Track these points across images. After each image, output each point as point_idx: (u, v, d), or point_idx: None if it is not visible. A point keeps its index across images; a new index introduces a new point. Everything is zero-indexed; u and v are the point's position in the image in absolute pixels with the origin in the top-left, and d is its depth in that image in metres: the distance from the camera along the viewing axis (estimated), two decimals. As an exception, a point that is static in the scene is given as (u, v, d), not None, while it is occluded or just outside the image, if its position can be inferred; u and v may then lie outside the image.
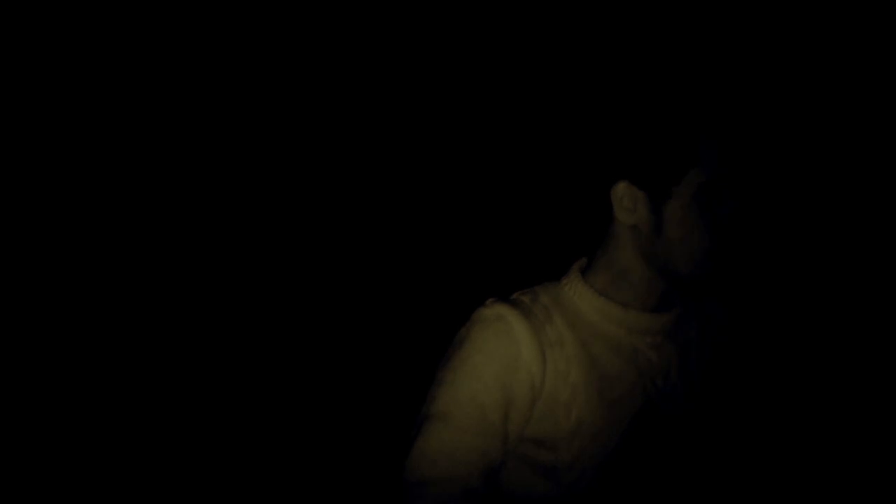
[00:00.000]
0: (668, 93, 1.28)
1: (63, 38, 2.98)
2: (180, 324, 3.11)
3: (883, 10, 2.63)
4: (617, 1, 2.94)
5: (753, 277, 2.23)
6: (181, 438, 2.92)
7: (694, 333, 1.39)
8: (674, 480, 1.31)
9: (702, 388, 1.36)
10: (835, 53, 2.70)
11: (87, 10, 2.98)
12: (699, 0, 2.82)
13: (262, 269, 3.23)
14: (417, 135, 3.23)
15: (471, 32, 3.12)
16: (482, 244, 3.18)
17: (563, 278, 1.38)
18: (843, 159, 2.69)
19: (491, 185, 3.19)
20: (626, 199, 1.27)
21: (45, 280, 3.02)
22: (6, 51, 2.93)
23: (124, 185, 3.10)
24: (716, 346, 1.41)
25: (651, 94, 1.29)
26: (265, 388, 3.08)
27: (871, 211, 2.63)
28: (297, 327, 3.18)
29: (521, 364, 1.26)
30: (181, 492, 2.76)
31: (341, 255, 3.24)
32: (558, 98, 3.02)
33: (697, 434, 1.34)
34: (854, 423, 2.26)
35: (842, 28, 2.68)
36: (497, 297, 1.33)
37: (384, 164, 3.25)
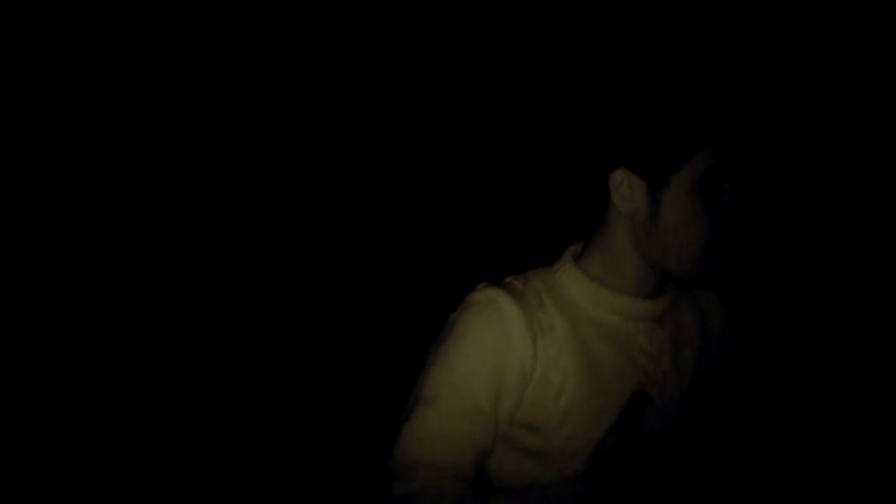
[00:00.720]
0: (669, 80, 1.27)
1: (63, 39, 2.97)
2: (179, 323, 3.10)
3: (883, 8, 2.62)
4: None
5: (750, 271, 2.23)
6: (179, 433, 2.91)
7: (688, 322, 1.39)
8: (664, 470, 1.31)
9: (694, 378, 1.35)
10: (834, 46, 2.70)
11: (87, 10, 2.96)
12: None
13: (255, 259, 3.22)
14: (410, 122, 3.22)
15: (470, 22, 3.10)
16: (475, 228, 3.17)
17: (555, 263, 1.37)
18: (843, 153, 2.68)
19: (485, 170, 3.18)
20: (623, 187, 1.26)
21: (46, 280, 3.01)
22: (6, 51, 2.92)
23: (124, 185, 3.10)
24: (710, 337, 1.41)
25: (651, 81, 1.28)
26: (255, 379, 3.07)
27: (870, 207, 2.63)
28: (289, 316, 3.17)
29: (512, 348, 1.25)
30: (181, 490, 2.75)
31: (333, 242, 3.23)
32: (557, 84, 3.01)
33: (689, 425, 1.33)
34: (852, 421, 2.25)
35: (842, 22, 2.68)
36: (489, 281, 1.33)
37: (376, 150, 3.23)
